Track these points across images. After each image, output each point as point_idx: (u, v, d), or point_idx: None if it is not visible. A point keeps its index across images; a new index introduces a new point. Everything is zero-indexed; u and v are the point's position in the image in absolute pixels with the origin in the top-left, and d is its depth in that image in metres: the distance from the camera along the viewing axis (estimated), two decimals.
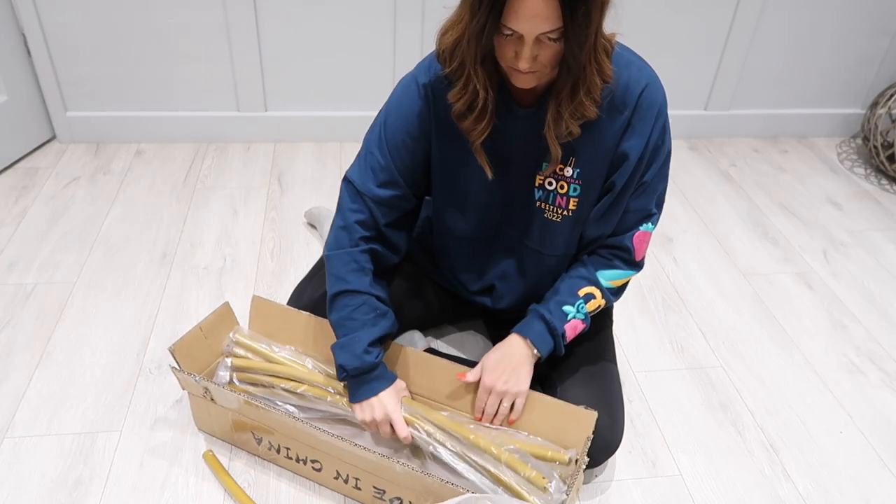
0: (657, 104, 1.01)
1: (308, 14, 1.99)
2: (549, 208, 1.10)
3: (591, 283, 1.11)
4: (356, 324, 1.09)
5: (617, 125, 1.01)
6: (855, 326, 1.59)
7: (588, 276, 1.11)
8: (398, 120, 1.07)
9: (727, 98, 2.32)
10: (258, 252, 1.71)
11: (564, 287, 1.12)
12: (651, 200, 1.08)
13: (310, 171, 2.07)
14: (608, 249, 1.12)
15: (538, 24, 0.85)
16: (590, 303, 1.11)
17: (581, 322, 1.11)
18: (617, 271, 1.12)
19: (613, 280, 1.12)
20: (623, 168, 1.03)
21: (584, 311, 1.11)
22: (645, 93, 0.99)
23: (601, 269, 1.12)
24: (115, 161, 2.06)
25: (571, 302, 1.10)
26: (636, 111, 1.00)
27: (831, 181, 2.20)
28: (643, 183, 1.06)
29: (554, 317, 1.09)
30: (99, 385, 1.32)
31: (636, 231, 1.09)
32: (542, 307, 1.11)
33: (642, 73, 1.00)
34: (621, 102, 0.99)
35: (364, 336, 1.08)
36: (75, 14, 1.91)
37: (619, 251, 1.11)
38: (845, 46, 2.27)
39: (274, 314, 1.26)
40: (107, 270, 1.61)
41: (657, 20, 2.13)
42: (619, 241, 1.10)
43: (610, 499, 1.17)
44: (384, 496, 1.08)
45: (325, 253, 1.13)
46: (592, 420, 1.05)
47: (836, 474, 1.24)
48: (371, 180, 1.09)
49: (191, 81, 2.08)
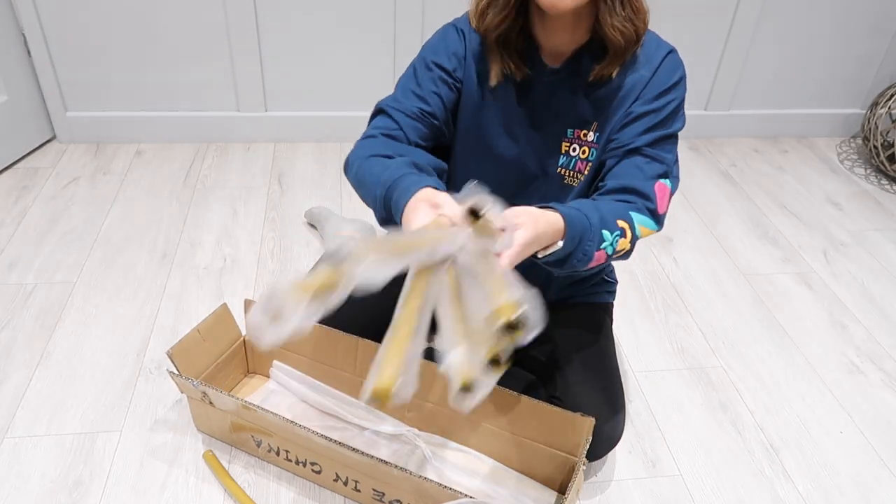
0: (678, 72, 1.01)
1: (308, 14, 1.99)
2: (568, 174, 1.09)
3: (626, 220, 0.97)
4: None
5: (637, 86, 1.01)
6: (855, 326, 1.59)
7: (623, 210, 0.97)
8: (434, 54, 1.06)
9: (727, 98, 2.32)
10: (258, 252, 1.71)
11: (607, 208, 0.96)
12: (664, 152, 1.01)
13: (310, 171, 2.07)
14: (630, 194, 1.00)
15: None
16: (620, 241, 0.96)
17: (606, 257, 0.95)
18: (645, 218, 0.99)
19: (643, 226, 0.99)
20: (633, 106, 1.02)
21: (614, 247, 0.95)
22: (668, 58, 1.01)
23: (634, 211, 0.99)
24: (115, 161, 2.06)
25: (612, 228, 0.94)
26: (656, 73, 1.00)
27: (831, 181, 2.20)
28: (653, 113, 1.00)
29: (594, 235, 0.92)
30: (99, 385, 1.32)
31: (656, 181, 1.00)
32: (592, 212, 0.93)
33: (667, 45, 1.02)
34: (645, 63, 1.00)
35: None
36: (75, 14, 1.91)
37: (641, 198, 0.99)
38: (845, 46, 2.27)
39: None
40: (107, 270, 1.61)
41: (657, 20, 2.12)
42: (641, 185, 0.99)
43: (610, 499, 1.17)
44: (384, 498, 1.08)
45: (345, 164, 1.03)
46: (590, 427, 1.05)
47: (836, 474, 1.24)
48: (402, 99, 1.05)
49: (191, 81, 2.08)
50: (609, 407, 1.11)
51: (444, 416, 1.19)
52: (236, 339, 1.28)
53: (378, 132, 1.03)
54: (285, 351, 1.28)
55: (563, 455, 1.10)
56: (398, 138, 1.02)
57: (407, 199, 0.87)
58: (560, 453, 1.10)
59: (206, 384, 1.10)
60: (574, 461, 1.09)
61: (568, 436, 1.08)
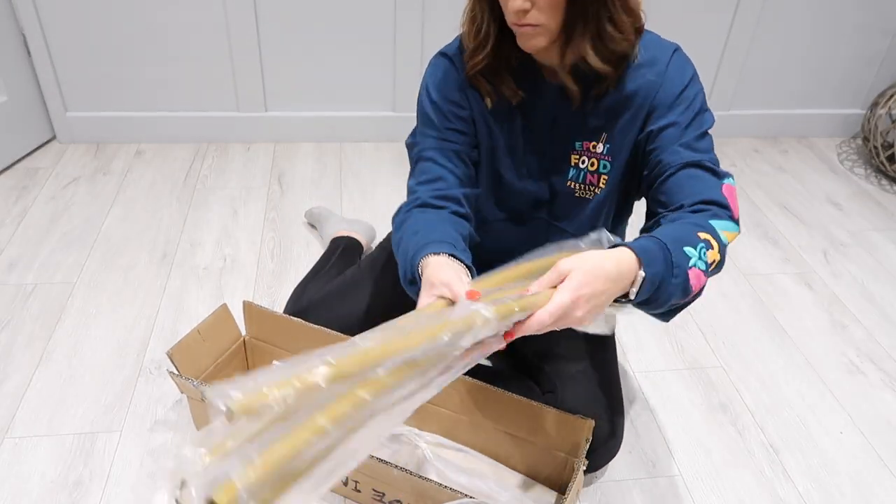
0: (689, 68, 0.98)
1: (308, 14, 1.99)
2: (579, 187, 1.07)
3: (706, 230, 0.86)
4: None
5: (646, 91, 0.97)
6: (855, 326, 1.59)
7: (700, 222, 0.87)
8: (437, 91, 1.05)
9: (727, 98, 2.32)
10: (258, 252, 1.71)
11: (678, 229, 0.86)
12: (710, 153, 0.96)
13: (310, 171, 2.07)
14: (702, 204, 0.91)
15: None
16: (709, 252, 0.85)
17: (703, 274, 0.84)
18: (725, 222, 0.90)
19: (726, 231, 0.89)
20: (657, 113, 0.97)
21: (706, 260, 0.84)
22: (675, 57, 0.97)
23: (710, 219, 0.89)
24: (115, 161, 2.05)
25: (693, 243, 0.83)
26: (666, 75, 0.96)
27: (831, 181, 2.20)
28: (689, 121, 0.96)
29: (678, 259, 0.82)
30: (99, 385, 1.32)
31: (723, 184, 0.93)
32: (667, 236, 0.83)
33: (670, 43, 0.99)
34: (649, 65, 0.96)
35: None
36: (75, 14, 1.91)
37: (715, 205, 0.90)
38: (845, 46, 2.27)
39: (266, 319, 1.26)
40: (107, 270, 1.61)
41: (657, 20, 2.12)
42: (712, 195, 0.91)
43: (610, 499, 1.17)
44: (384, 498, 1.08)
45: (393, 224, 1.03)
46: (589, 428, 1.05)
47: (836, 474, 1.24)
48: (431, 144, 1.05)
49: (191, 81, 2.08)
50: (607, 419, 1.11)
51: (445, 416, 1.19)
52: (236, 340, 1.28)
53: (427, 193, 1.01)
54: (286, 351, 1.28)
55: (563, 455, 1.10)
56: (447, 196, 1.01)
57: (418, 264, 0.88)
58: (560, 454, 1.10)
59: (206, 384, 1.10)
60: (574, 461, 1.09)
61: (568, 436, 1.08)
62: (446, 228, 0.96)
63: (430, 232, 0.94)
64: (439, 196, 1.01)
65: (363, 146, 2.21)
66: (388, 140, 2.24)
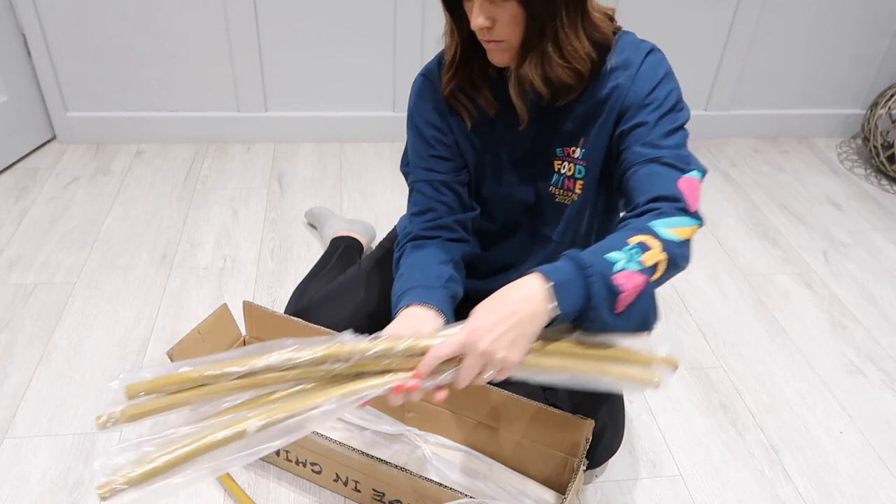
0: (663, 67, 0.95)
1: (308, 14, 1.99)
2: (558, 192, 1.08)
3: (642, 232, 0.84)
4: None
5: (618, 93, 0.96)
6: (855, 327, 1.59)
7: (637, 225, 0.86)
8: (420, 115, 1.07)
9: (727, 98, 2.32)
10: (258, 252, 1.71)
11: (607, 240, 0.86)
12: (677, 149, 0.93)
13: (310, 171, 2.07)
14: (654, 202, 0.90)
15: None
16: (646, 253, 0.82)
17: (639, 274, 0.81)
18: (674, 218, 0.87)
19: (673, 228, 0.86)
20: (628, 114, 0.95)
21: (639, 261, 0.81)
22: (648, 58, 0.95)
23: (652, 219, 0.87)
24: (115, 161, 2.06)
25: (619, 247, 0.82)
26: (637, 76, 0.95)
27: (831, 181, 2.20)
28: (656, 120, 0.94)
29: (592, 261, 0.80)
30: (99, 385, 1.32)
31: (681, 177, 0.91)
32: (576, 251, 0.83)
33: (648, 44, 0.97)
34: (622, 68, 0.95)
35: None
36: (75, 14, 1.91)
37: (667, 200, 0.89)
38: (845, 46, 2.27)
39: (266, 319, 1.26)
40: (107, 270, 1.61)
41: (657, 20, 2.13)
42: (663, 190, 0.90)
43: (610, 499, 1.17)
44: (384, 498, 1.08)
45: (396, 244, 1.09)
46: (589, 428, 1.05)
47: (836, 474, 1.24)
48: (421, 172, 1.08)
49: (191, 81, 2.08)
50: (609, 416, 1.11)
51: (445, 416, 1.19)
52: (236, 340, 1.28)
53: (419, 226, 1.06)
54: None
55: (563, 456, 1.10)
56: (438, 226, 1.05)
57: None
58: (560, 454, 1.10)
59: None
60: (574, 461, 1.09)
61: (568, 437, 1.08)
62: (429, 268, 1.00)
63: (411, 276, 0.99)
64: (431, 227, 1.06)
65: (363, 146, 2.21)
66: (388, 140, 2.24)
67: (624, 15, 2.07)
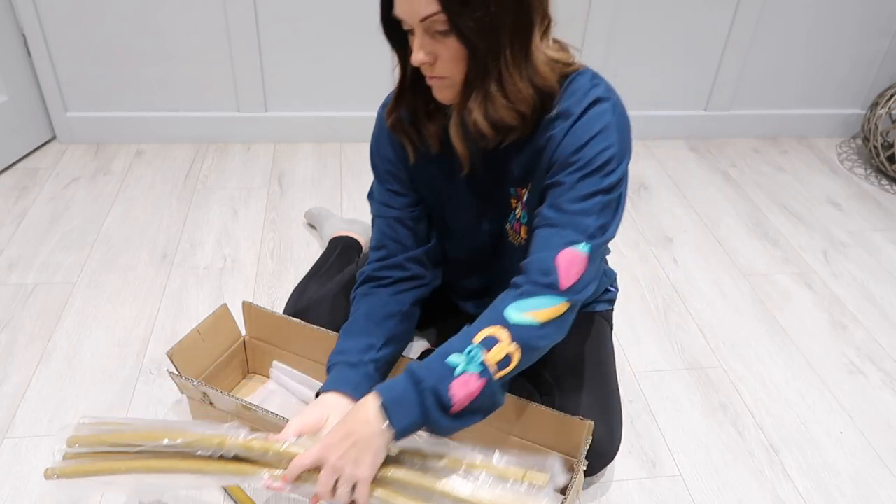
0: (602, 120, 0.88)
1: (308, 14, 1.99)
2: (511, 232, 1.06)
3: (493, 322, 0.86)
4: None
5: (553, 142, 0.91)
6: (855, 327, 1.59)
7: (491, 315, 0.87)
8: (377, 150, 1.07)
9: (727, 98, 2.32)
10: (258, 252, 1.71)
11: (458, 335, 0.88)
12: (585, 216, 0.88)
13: (310, 171, 2.07)
14: (525, 275, 0.89)
15: (414, 6, 0.81)
16: (492, 350, 0.84)
17: (476, 377, 0.83)
18: (534, 299, 0.86)
19: (530, 311, 0.86)
20: (553, 170, 0.91)
21: (480, 362, 0.84)
22: (592, 109, 0.88)
23: (512, 301, 0.87)
24: (115, 161, 2.06)
25: (460, 348, 0.84)
26: (573, 128, 0.89)
27: (831, 181, 2.20)
28: (574, 182, 0.89)
29: (429, 373, 0.84)
30: (99, 385, 1.32)
31: (563, 249, 0.87)
32: (419, 362, 0.87)
33: (599, 90, 0.89)
34: (564, 116, 0.90)
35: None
36: (75, 14, 1.91)
37: (539, 274, 0.87)
38: (845, 46, 2.27)
39: (266, 319, 1.26)
40: (107, 270, 1.61)
41: (657, 20, 2.13)
42: (540, 260, 0.88)
43: (610, 499, 1.17)
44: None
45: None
46: (589, 429, 1.05)
47: (836, 474, 1.24)
48: (381, 205, 1.10)
49: (191, 81, 2.08)
50: (605, 423, 1.11)
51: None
52: (236, 340, 1.28)
53: (372, 267, 1.09)
54: (286, 351, 1.28)
55: (563, 456, 1.10)
56: (390, 265, 1.08)
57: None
58: (560, 454, 1.10)
59: (206, 384, 1.10)
60: (573, 462, 1.09)
61: (567, 437, 1.08)
62: (363, 334, 1.03)
63: (345, 343, 1.03)
64: (383, 266, 1.09)
65: (363, 146, 2.21)
66: None
67: (624, 15, 2.07)
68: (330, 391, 0.97)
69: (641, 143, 2.35)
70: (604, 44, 2.12)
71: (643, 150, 2.31)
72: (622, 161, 0.89)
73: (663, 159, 2.26)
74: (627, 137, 0.91)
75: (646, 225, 1.91)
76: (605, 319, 1.27)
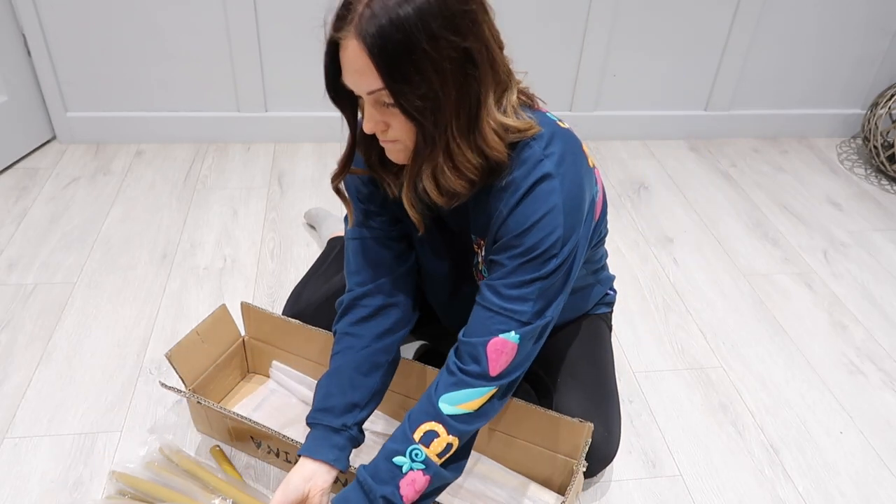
0: (546, 205, 0.85)
1: (308, 14, 1.99)
2: (477, 275, 1.04)
3: (430, 418, 0.90)
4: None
5: (497, 216, 0.89)
6: (855, 327, 1.59)
7: (428, 406, 0.90)
8: (353, 183, 1.04)
9: (727, 98, 2.32)
10: (258, 252, 1.71)
11: (401, 429, 0.91)
12: (520, 304, 0.88)
13: (310, 171, 2.07)
14: (458, 359, 0.91)
15: (359, 81, 0.81)
16: (431, 445, 0.89)
17: (421, 474, 0.88)
18: (465, 391, 0.89)
19: (462, 404, 0.89)
20: (497, 245, 0.91)
21: (423, 459, 0.88)
22: (536, 189, 0.86)
23: (445, 391, 0.90)
24: (115, 161, 2.06)
25: (403, 450, 0.89)
26: (516, 209, 0.87)
27: (831, 181, 2.20)
28: (514, 268, 0.88)
29: (377, 480, 0.89)
30: (99, 385, 1.32)
31: (493, 337, 0.88)
32: (369, 466, 0.90)
33: (549, 163, 0.86)
34: (511, 189, 0.87)
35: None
36: (75, 14, 1.91)
37: (469, 360, 0.90)
38: (845, 46, 2.27)
39: (264, 320, 1.26)
40: (107, 271, 1.61)
41: (657, 20, 2.13)
42: (472, 346, 0.90)
43: (610, 499, 1.17)
44: None
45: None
46: (589, 431, 1.05)
47: (836, 474, 1.24)
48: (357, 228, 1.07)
49: (191, 81, 2.08)
50: (603, 426, 1.11)
51: None
52: (235, 340, 1.28)
53: (350, 295, 1.04)
54: (285, 352, 1.28)
55: (563, 457, 1.10)
56: (366, 294, 1.03)
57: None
58: (559, 456, 1.10)
59: (199, 396, 1.11)
60: (573, 463, 1.09)
61: (567, 439, 1.08)
62: (346, 392, 1.00)
63: (328, 396, 1.00)
64: (359, 296, 1.03)
65: None
66: None
67: (624, 15, 2.07)
68: (311, 458, 0.95)
69: (641, 143, 2.35)
70: (604, 44, 2.12)
71: (643, 149, 2.31)
72: (567, 241, 0.88)
73: (663, 159, 2.26)
74: (576, 214, 0.88)
75: (646, 225, 1.91)
76: (604, 322, 1.27)
